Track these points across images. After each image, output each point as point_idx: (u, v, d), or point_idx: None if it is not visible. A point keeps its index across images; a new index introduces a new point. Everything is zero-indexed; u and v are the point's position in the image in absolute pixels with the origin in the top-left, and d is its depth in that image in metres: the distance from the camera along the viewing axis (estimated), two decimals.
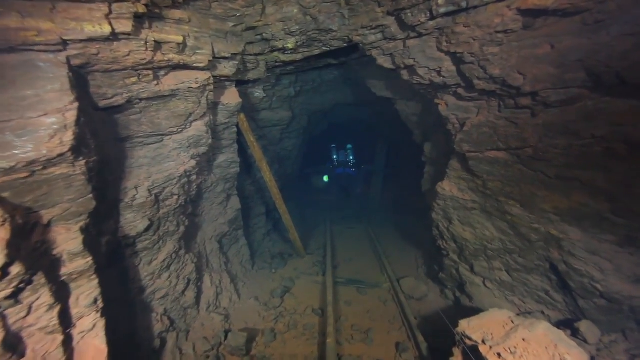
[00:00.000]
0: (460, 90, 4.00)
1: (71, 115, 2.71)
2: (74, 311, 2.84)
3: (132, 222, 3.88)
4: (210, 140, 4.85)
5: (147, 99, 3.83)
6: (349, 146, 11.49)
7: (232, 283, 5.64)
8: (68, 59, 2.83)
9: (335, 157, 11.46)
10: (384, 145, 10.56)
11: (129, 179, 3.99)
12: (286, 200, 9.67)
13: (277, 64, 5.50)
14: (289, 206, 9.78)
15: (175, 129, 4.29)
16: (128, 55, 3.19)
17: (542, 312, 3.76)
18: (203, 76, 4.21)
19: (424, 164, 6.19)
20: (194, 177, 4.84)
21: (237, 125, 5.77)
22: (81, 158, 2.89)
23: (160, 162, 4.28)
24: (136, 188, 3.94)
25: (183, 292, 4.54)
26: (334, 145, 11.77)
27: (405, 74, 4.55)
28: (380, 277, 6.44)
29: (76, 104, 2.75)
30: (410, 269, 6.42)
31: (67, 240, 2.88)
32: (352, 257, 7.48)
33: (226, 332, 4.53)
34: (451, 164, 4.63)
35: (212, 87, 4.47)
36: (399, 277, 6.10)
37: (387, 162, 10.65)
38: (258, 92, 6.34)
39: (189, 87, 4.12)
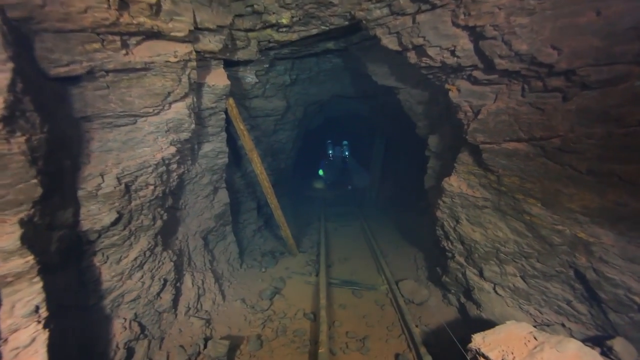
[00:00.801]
0: (476, 73, 3.46)
1: (2, 79, 2.11)
2: (6, 323, 2.25)
3: (97, 214, 3.29)
4: (193, 126, 4.26)
5: (115, 71, 3.22)
6: (345, 142, 10.95)
7: (217, 283, 5.07)
8: (2, 8, 2.23)
9: (331, 152, 10.90)
10: (381, 140, 10.03)
11: (94, 164, 3.39)
12: (279, 196, 9.10)
13: (271, 44, 4.91)
14: (282, 202, 9.22)
15: (150, 110, 3.69)
16: (85, 12, 2.59)
17: (562, 325, 3.26)
18: (183, 49, 3.61)
19: (426, 159, 5.66)
20: (174, 165, 4.24)
21: (226, 112, 5.17)
22: (19, 134, 2.29)
23: (133, 147, 3.68)
24: (102, 175, 3.34)
25: (158, 294, 3.96)
26: (330, 141, 11.22)
27: (412, 56, 4.00)
28: (377, 278, 5.92)
29: (10, 65, 2.15)
30: (409, 271, 5.91)
31: (1, 235, 2.28)
32: (347, 256, 6.96)
33: (206, 340, 3.97)
34: (460, 157, 4.11)
35: (194, 63, 3.87)
36: (397, 279, 5.58)
37: (385, 158, 10.13)
38: (250, 77, 5.74)
39: (167, 61, 3.52)
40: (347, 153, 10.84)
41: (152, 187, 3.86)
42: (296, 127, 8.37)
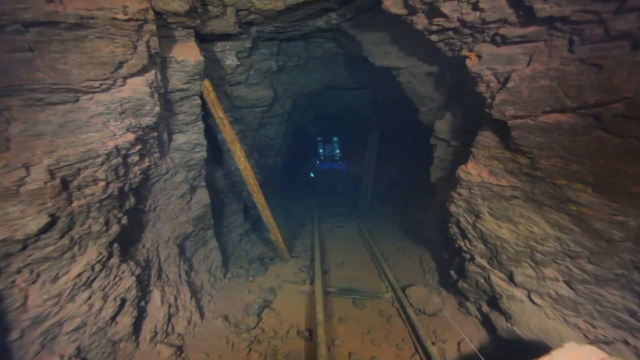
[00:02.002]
0: (504, 30, 2.73)
1: None
2: None
3: (18, 218, 2.41)
4: (157, 109, 3.41)
5: (38, 24, 2.36)
6: (335, 139, 10.17)
7: (194, 298, 4.18)
8: None
9: (321, 151, 10.09)
10: (375, 134, 9.30)
11: (15, 152, 2.52)
12: (269, 196, 8.25)
13: (252, 15, 4.11)
14: (272, 202, 8.37)
15: (97, 85, 2.83)
16: None
17: (625, 342, 2.53)
18: (137, 5, 2.77)
19: (431, 148, 4.93)
20: (135, 157, 3.38)
21: (202, 96, 4.34)
22: None
23: (74, 131, 2.82)
24: (26, 167, 2.47)
25: (113, 318, 3.07)
26: (320, 139, 10.42)
27: (420, 21, 3.25)
28: (379, 284, 5.13)
29: None
30: (415, 275, 5.14)
31: None
32: (344, 259, 6.15)
33: None
34: (479, 140, 3.37)
35: (153, 27, 3.03)
36: (403, 285, 4.80)
37: (379, 152, 9.40)
38: (230, 59, 4.92)
39: (113, 19, 2.68)
40: (338, 151, 10.04)
41: (103, 184, 2.99)
42: (285, 121, 7.56)
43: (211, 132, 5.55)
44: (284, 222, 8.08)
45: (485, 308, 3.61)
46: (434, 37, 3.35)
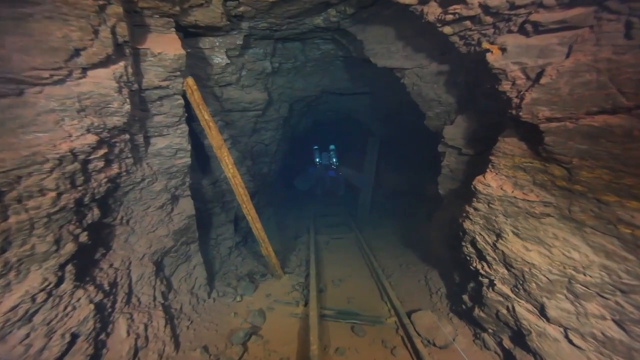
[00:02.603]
0: (537, 17, 2.24)
1: None
2: None
3: None
4: (128, 107, 2.89)
5: None
6: (332, 147, 9.68)
7: (169, 325, 3.59)
8: None
9: (318, 159, 9.58)
10: (375, 142, 8.82)
11: None
12: (262, 206, 7.70)
13: (242, 7, 3.63)
14: (265, 212, 7.81)
15: (47, 75, 2.31)
16: None
17: None
18: None
19: (436, 156, 4.43)
20: (99, 163, 2.83)
21: (186, 97, 3.83)
22: None
23: (15, 130, 2.28)
24: None
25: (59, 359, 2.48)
26: (316, 147, 9.93)
27: (432, 11, 2.78)
28: (381, 306, 4.55)
29: None
30: (420, 296, 4.57)
31: None
32: (342, 275, 5.57)
33: None
34: (501, 147, 2.86)
35: (120, 10, 2.53)
36: (408, 309, 4.23)
37: (379, 161, 8.90)
38: (219, 57, 4.42)
39: None
40: (334, 159, 9.55)
41: (52, 194, 2.43)
42: (281, 126, 7.05)
43: (197, 137, 5.03)
44: (278, 233, 7.52)
45: (508, 343, 3.04)
46: (447, 30, 2.87)
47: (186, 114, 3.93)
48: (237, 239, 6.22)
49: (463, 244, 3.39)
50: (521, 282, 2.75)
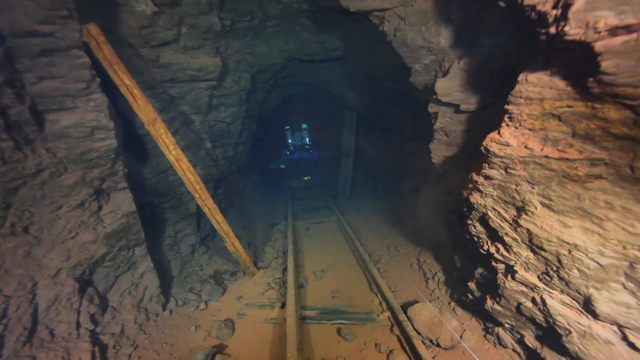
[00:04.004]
0: None
1: None
2: None
3: None
4: None
5: None
6: (305, 126, 8.76)
7: (99, 359, 2.65)
8: None
9: (290, 140, 8.63)
10: (352, 117, 7.93)
11: None
12: (232, 193, 6.72)
13: None
14: (236, 201, 6.84)
15: None
16: None
17: None
18: None
19: (430, 118, 3.60)
20: None
21: (92, 52, 2.73)
22: None
23: None
24: None
25: None
26: (288, 127, 8.96)
27: None
28: (370, 298, 3.81)
29: None
30: (415, 284, 3.86)
31: None
32: (325, 265, 4.78)
33: None
34: (522, 90, 2.04)
35: None
36: (402, 301, 3.52)
37: (357, 137, 8.06)
38: (142, 3, 3.27)
39: None
40: (307, 139, 8.67)
41: None
42: (244, 101, 5.97)
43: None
44: (250, 223, 6.60)
45: (532, 342, 2.36)
46: None
47: (98, 80, 2.83)
48: (202, 233, 5.25)
49: (469, 222, 2.63)
50: (555, 269, 2.02)
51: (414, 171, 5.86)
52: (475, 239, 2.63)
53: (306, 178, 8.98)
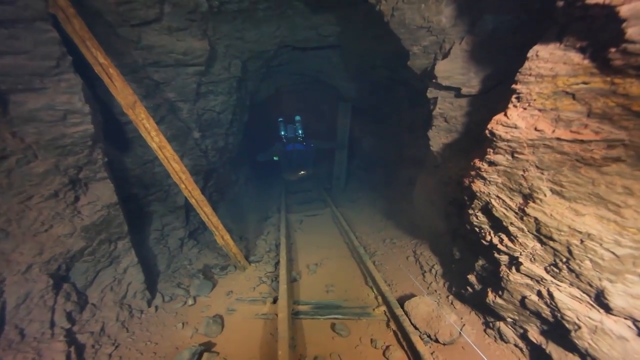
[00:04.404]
0: None
1: None
2: None
3: None
4: None
5: None
6: (298, 118, 8.56)
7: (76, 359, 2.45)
8: None
9: (283, 133, 8.43)
10: (346, 107, 7.71)
11: None
12: (224, 186, 6.48)
13: None
14: (228, 193, 6.60)
15: None
16: None
17: None
18: None
19: (428, 103, 3.42)
20: None
21: (61, 25, 2.46)
22: None
23: None
24: None
25: None
26: (281, 119, 8.74)
27: None
28: (366, 292, 3.66)
29: None
30: (412, 276, 3.72)
31: None
32: (318, 259, 4.61)
33: None
34: (532, 67, 1.86)
35: None
36: (399, 295, 3.38)
37: (352, 128, 7.86)
38: None
39: None
40: (300, 131, 8.47)
41: None
42: (234, 90, 5.70)
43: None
44: (243, 216, 6.40)
45: (537, 337, 2.23)
46: None
47: (70, 58, 2.58)
48: (191, 226, 5.03)
49: (470, 212, 2.47)
50: (564, 260, 1.87)
51: (410, 162, 5.70)
52: (477, 229, 2.47)
53: (302, 172, 8.78)
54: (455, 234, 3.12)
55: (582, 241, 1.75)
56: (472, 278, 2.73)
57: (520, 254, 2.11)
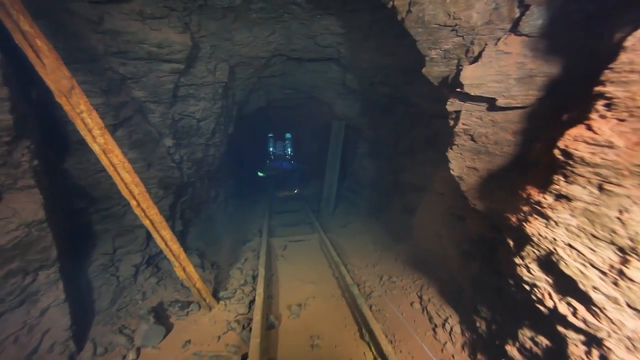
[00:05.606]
0: None
1: None
2: None
3: None
4: None
5: None
6: (288, 135, 7.93)
7: None
8: None
9: (271, 149, 7.75)
10: (340, 126, 7.12)
11: None
12: (200, 204, 5.59)
13: None
14: (205, 211, 5.71)
15: None
16: None
17: None
18: None
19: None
20: None
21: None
22: None
23: None
24: None
25: None
26: (271, 135, 8.08)
27: None
28: (361, 352, 2.81)
29: None
30: (418, 331, 2.91)
31: None
32: (303, 298, 3.74)
33: None
34: (633, 60, 1.22)
35: None
36: (404, 358, 2.55)
37: (345, 148, 7.24)
38: None
39: None
40: (289, 149, 7.80)
41: None
42: (220, 97, 4.99)
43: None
44: (218, 238, 5.49)
45: None
46: None
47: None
48: (151, 250, 4.08)
49: (518, 261, 1.75)
50: None
51: (407, 187, 5.06)
52: (527, 286, 1.75)
53: (295, 191, 8.05)
54: (478, 283, 2.39)
55: None
56: (512, 351, 1.96)
57: (609, 336, 1.38)
